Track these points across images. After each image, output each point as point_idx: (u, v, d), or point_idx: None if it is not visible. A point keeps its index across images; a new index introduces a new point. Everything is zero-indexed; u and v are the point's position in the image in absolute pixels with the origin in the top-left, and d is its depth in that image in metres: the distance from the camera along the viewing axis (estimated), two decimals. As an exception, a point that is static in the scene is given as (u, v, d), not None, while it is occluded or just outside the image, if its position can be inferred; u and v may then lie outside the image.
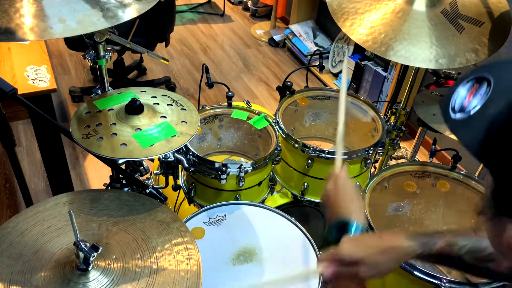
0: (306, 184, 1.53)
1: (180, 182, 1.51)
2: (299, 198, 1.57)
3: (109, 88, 1.26)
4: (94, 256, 0.84)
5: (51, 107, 1.70)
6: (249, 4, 4.26)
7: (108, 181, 1.35)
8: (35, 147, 2.50)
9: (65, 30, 0.92)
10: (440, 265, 1.11)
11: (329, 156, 1.44)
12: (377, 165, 1.96)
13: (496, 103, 0.44)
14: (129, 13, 1.00)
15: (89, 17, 0.95)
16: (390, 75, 2.81)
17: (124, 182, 1.32)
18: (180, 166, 1.36)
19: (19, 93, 1.14)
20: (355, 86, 3.07)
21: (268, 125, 1.50)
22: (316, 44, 3.50)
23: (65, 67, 3.27)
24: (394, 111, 1.73)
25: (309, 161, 1.45)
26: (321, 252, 1.23)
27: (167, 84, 3.11)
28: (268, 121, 1.51)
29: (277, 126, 1.50)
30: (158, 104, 1.16)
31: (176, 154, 1.33)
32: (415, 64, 1.27)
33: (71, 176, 1.98)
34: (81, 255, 0.84)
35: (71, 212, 0.82)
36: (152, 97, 1.18)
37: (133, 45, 1.35)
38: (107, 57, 1.19)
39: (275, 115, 1.55)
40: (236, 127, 1.63)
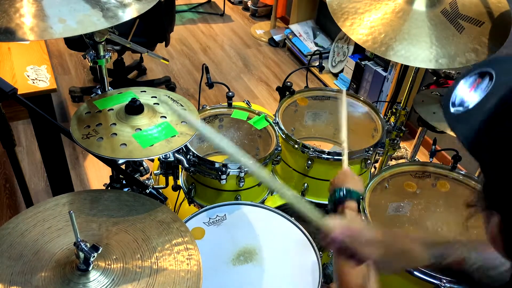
0: (306, 184, 1.53)
1: (180, 182, 1.51)
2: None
3: (109, 88, 1.26)
4: (94, 256, 0.85)
5: (51, 107, 1.70)
6: (249, 4, 4.26)
7: (108, 181, 1.35)
8: (35, 147, 2.50)
9: (65, 30, 0.92)
10: (446, 277, 1.09)
11: (329, 156, 1.44)
12: (377, 165, 1.96)
13: (494, 98, 0.44)
14: (129, 13, 1.00)
15: (89, 17, 0.95)
16: (390, 75, 2.81)
17: (124, 182, 1.32)
18: (180, 166, 1.36)
19: (19, 93, 1.14)
20: (355, 86, 3.07)
21: (268, 125, 1.51)
22: (316, 44, 3.50)
23: (65, 67, 3.27)
24: (394, 111, 1.73)
25: (309, 162, 1.45)
26: (321, 253, 1.23)
27: (167, 84, 3.11)
28: (268, 121, 1.51)
29: (277, 126, 1.50)
30: (158, 104, 1.16)
31: (176, 154, 1.33)
32: (415, 64, 1.27)
33: (71, 176, 1.98)
34: (81, 255, 0.84)
35: (71, 212, 0.82)
36: (152, 97, 1.18)
37: (133, 45, 1.35)
38: (107, 57, 1.19)
39: (275, 115, 1.55)
40: (236, 127, 1.63)
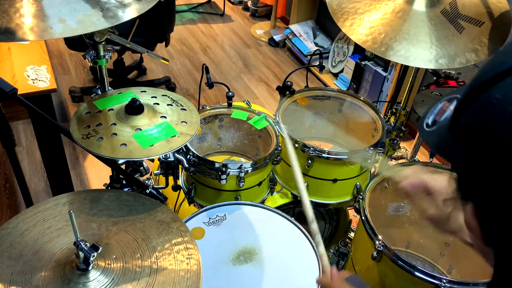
0: (306, 184, 1.53)
1: (180, 182, 1.51)
2: (299, 198, 1.57)
3: (109, 88, 1.26)
4: (94, 256, 0.85)
5: (51, 107, 1.70)
6: (249, 4, 4.26)
7: (108, 181, 1.35)
8: (35, 147, 2.50)
9: (65, 30, 0.92)
10: None
11: (329, 156, 1.44)
12: (377, 165, 1.96)
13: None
14: (129, 13, 1.00)
15: (89, 17, 0.95)
16: (390, 75, 2.81)
17: (124, 182, 1.32)
18: (180, 166, 1.36)
19: (19, 93, 1.14)
20: (355, 86, 3.08)
21: (268, 125, 1.51)
22: (316, 44, 3.50)
23: (65, 67, 3.27)
24: (394, 111, 1.73)
25: (309, 161, 1.45)
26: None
27: (167, 84, 3.11)
28: (268, 121, 1.51)
29: (277, 126, 1.50)
30: (158, 104, 1.16)
31: (176, 154, 1.33)
32: (415, 64, 1.27)
33: (71, 176, 1.98)
34: (81, 255, 0.84)
35: (71, 212, 0.82)
36: (152, 97, 1.18)
37: (133, 45, 1.35)
38: (107, 57, 1.19)
39: (275, 115, 1.55)
40: (236, 127, 1.63)
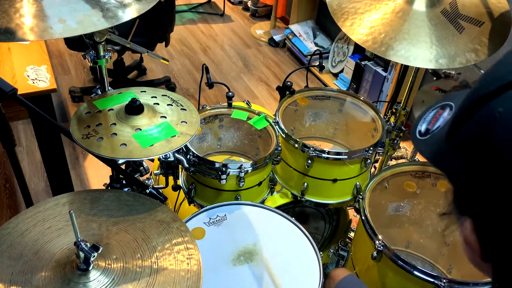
0: (306, 184, 1.53)
1: (180, 182, 1.51)
2: (299, 198, 1.57)
3: (109, 88, 1.26)
4: (94, 256, 0.85)
5: (51, 107, 1.70)
6: (249, 4, 4.26)
7: (108, 181, 1.35)
8: (35, 147, 2.50)
9: (65, 30, 0.92)
10: None
11: (329, 156, 1.44)
12: (377, 165, 1.96)
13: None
14: (129, 13, 1.00)
15: (89, 17, 0.95)
16: (390, 75, 2.81)
17: (124, 182, 1.32)
18: (180, 166, 1.36)
19: (19, 93, 1.14)
20: (355, 86, 3.08)
21: (268, 125, 1.51)
22: (316, 44, 3.50)
23: (65, 67, 3.27)
24: (394, 111, 1.73)
25: (309, 161, 1.45)
26: (321, 253, 1.23)
27: (167, 84, 3.11)
28: (268, 121, 1.51)
29: (277, 126, 1.50)
30: (158, 104, 1.16)
31: (176, 154, 1.33)
32: (415, 64, 1.27)
33: (71, 176, 1.98)
34: (82, 255, 0.84)
35: (71, 212, 0.82)
36: (152, 97, 1.18)
37: (133, 45, 1.35)
38: (107, 57, 1.19)
39: (275, 115, 1.55)
40: (236, 127, 1.63)
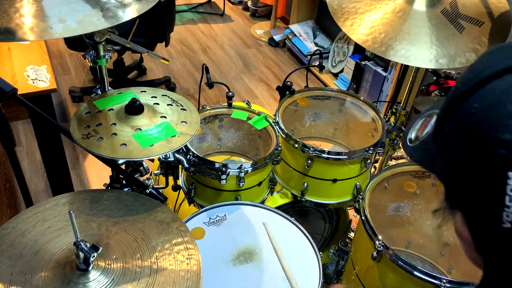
0: (306, 184, 1.53)
1: (180, 182, 1.51)
2: (299, 198, 1.57)
3: (109, 88, 1.26)
4: (94, 256, 0.84)
5: (51, 107, 1.70)
6: (249, 4, 4.26)
7: (108, 181, 1.35)
8: (35, 147, 2.50)
9: (65, 30, 0.92)
10: None
11: (329, 156, 1.44)
12: (377, 165, 1.97)
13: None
14: (129, 13, 1.00)
15: (89, 17, 0.95)
16: (390, 75, 2.81)
17: (124, 182, 1.32)
18: (180, 166, 1.36)
19: (19, 93, 1.14)
20: (355, 86, 3.07)
21: (268, 125, 1.50)
22: (316, 44, 3.50)
23: (65, 67, 3.27)
24: (394, 111, 1.73)
25: (309, 161, 1.45)
26: (321, 253, 1.23)
27: (167, 84, 3.11)
28: (268, 121, 1.51)
29: (277, 126, 1.50)
30: (158, 104, 1.16)
31: (176, 154, 1.33)
32: (415, 64, 1.27)
33: (71, 176, 1.98)
34: (81, 255, 0.84)
35: (71, 212, 0.82)
36: (152, 97, 1.18)
37: (133, 45, 1.35)
38: (107, 57, 1.19)
39: (275, 115, 1.55)
40: (236, 127, 1.63)
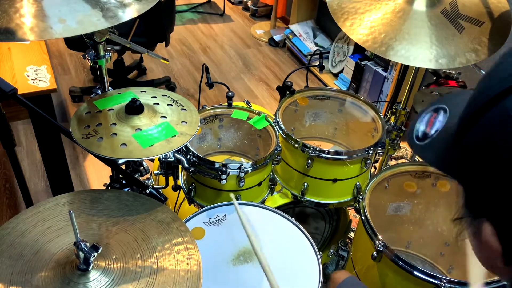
0: (306, 184, 1.53)
1: (180, 182, 1.51)
2: (299, 198, 1.57)
3: (109, 88, 1.26)
4: (94, 256, 0.84)
5: (51, 107, 1.70)
6: (249, 4, 4.26)
7: (108, 181, 1.35)
8: (35, 147, 2.50)
9: (65, 30, 0.92)
10: None
11: (329, 156, 1.44)
12: (377, 165, 1.97)
13: (454, 119, 0.50)
14: (129, 13, 1.00)
15: (89, 17, 0.95)
16: (390, 75, 2.81)
17: (124, 182, 1.32)
18: (180, 166, 1.36)
19: (19, 93, 1.14)
20: (355, 86, 3.07)
21: (268, 125, 1.50)
22: (316, 44, 3.50)
23: (65, 67, 3.27)
24: (394, 111, 1.73)
25: (309, 161, 1.45)
26: (321, 253, 1.23)
27: (167, 84, 3.11)
28: (268, 121, 1.51)
29: (277, 126, 1.50)
30: (158, 104, 1.16)
31: (176, 154, 1.33)
32: (415, 64, 1.27)
33: (71, 176, 1.98)
34: (81, 255, 0.84)
35: (71, 212, 0.82)
36: (152, 97, 1.18)
37: (133, 45, 1.35)
38: (107, 57, 1.19)
39: (275, 115, 1.55)
40: (236, 127, 1.63)
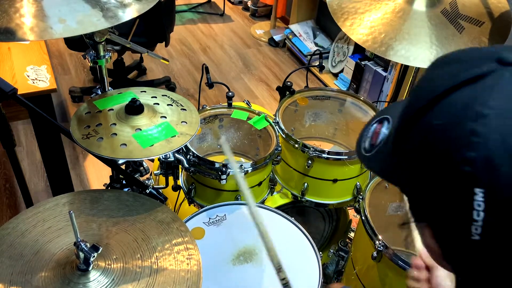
0: (306, 184, 1.53)
1: (180, 182, 1.51)
2: (299, 198, 1.57)
3: (109, 88, 1.26)
4: (94, 256, 0.85)
5: (51, 107, 1.69)
6: (249, 4, 4.26)
7: (108, 181, 1.35)
8: (35, 147, 2.50)
9: (65, 30, 0.92)
10: None
11: (329, 156, 1.44)
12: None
13: (392, 135, 0.52)
14: (129, 13, 1.00)
15: (89, 17, 0.95)
16: (390, 75, 2.81)
17: (124, 182, 1.32)
18: (180, 166, 1.36)
19: (19, 93, 1.14)
20: (355, 86, 3.07)
21: (268, 125, 1.50)
22: (316, 44, 3.50)
23: (65, 67, 3.27)
24: (394, 111, 1.73)
25: (309, 161, 1.45)
26: (321, 253, 1.23)
27: (167, 84, 3.11)
28: (268, 121, 1.51)
29: (277, 126, 1.50)
30: (158, 104, 1.16)
31: (176, 154, 1.33)
32: (415, 64, 1.27)
33: (71, 176, 1.97)
34: (81, 255, 0.84)
35: (71, 212, 0.82)
36: (152, 97, 1.18)
37: (133, 45, 1.35)
38: (107, 57, 1.19)
39: (275, 115, 1.55)
40: (236, 127, 1.63)
